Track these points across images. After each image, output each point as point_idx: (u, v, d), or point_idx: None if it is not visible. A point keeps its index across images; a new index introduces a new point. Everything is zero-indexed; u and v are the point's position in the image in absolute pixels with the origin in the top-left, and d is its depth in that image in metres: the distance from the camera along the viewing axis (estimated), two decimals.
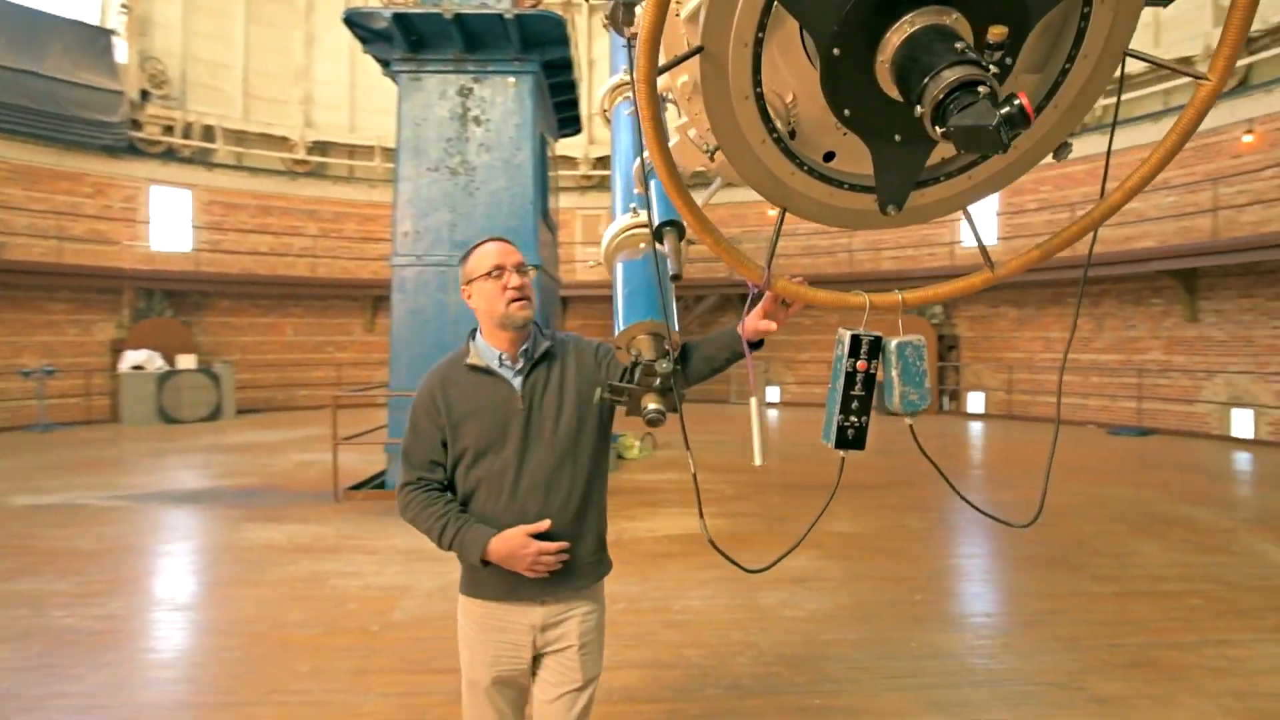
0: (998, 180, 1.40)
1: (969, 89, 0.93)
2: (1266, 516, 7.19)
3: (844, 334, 1.54)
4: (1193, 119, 1.26)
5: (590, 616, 2.01)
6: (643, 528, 6.78)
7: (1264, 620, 4.55)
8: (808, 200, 1.36)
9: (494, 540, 1.85)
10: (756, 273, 1.40)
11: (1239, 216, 11.62)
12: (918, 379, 1.52)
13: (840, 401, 1.55)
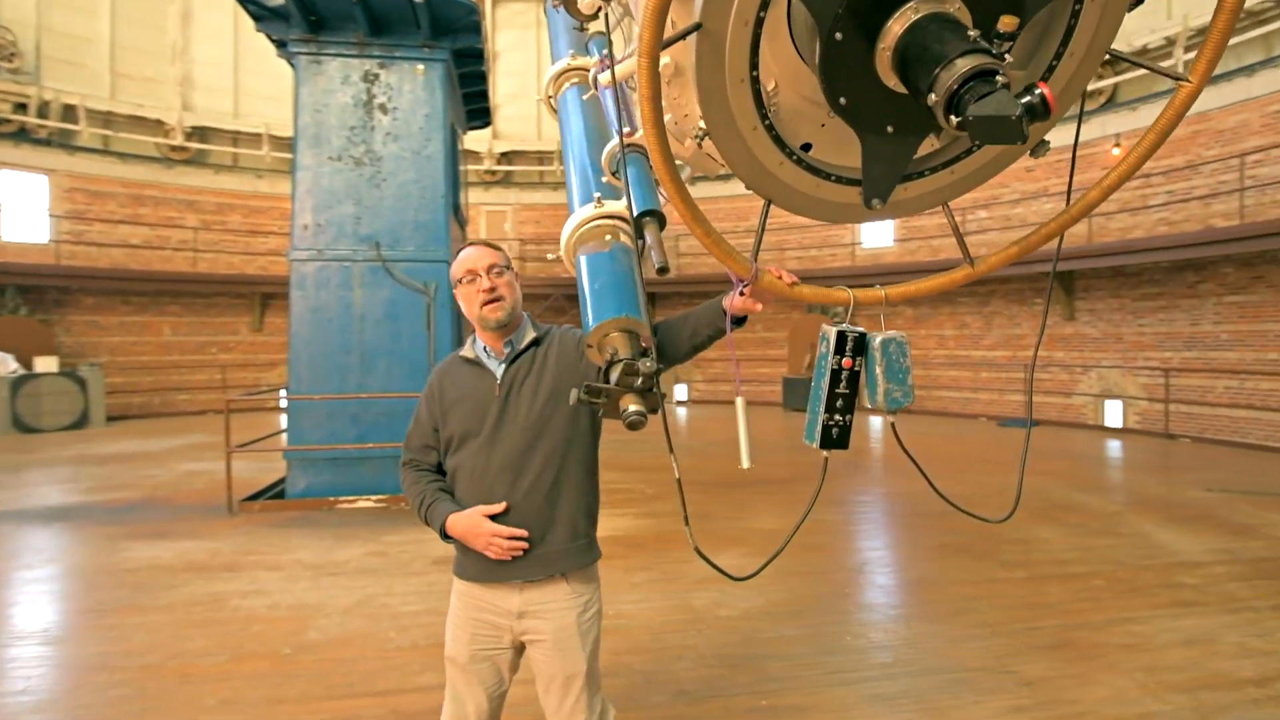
0: (979, 175, 1.39)
1: (985, 78, 0.90)
2: (1144, 500, 7.78)
3: (829, 330, 1.51)
4: (1171, 120, 1.27)
5: (568, 611, 2.02)
6: None
7: (1158, 597, 4.88)
8: (793, 192, 1.33)
9: (452, 516, 1.98)
10: (744, 266, 1.36)
11: (1108, 223, 12.59)
12: (901, 375, 1.50)
13: (825, 400, 1.51)
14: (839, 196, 1.33)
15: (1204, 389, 11.45)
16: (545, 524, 2.00)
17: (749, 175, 1.30)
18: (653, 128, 1.15)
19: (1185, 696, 3.59)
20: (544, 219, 19.43)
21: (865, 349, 1.49)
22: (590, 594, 2.09)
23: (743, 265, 1.35)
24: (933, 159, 1.32)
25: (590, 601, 2.09)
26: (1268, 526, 6.55)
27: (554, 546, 2.01)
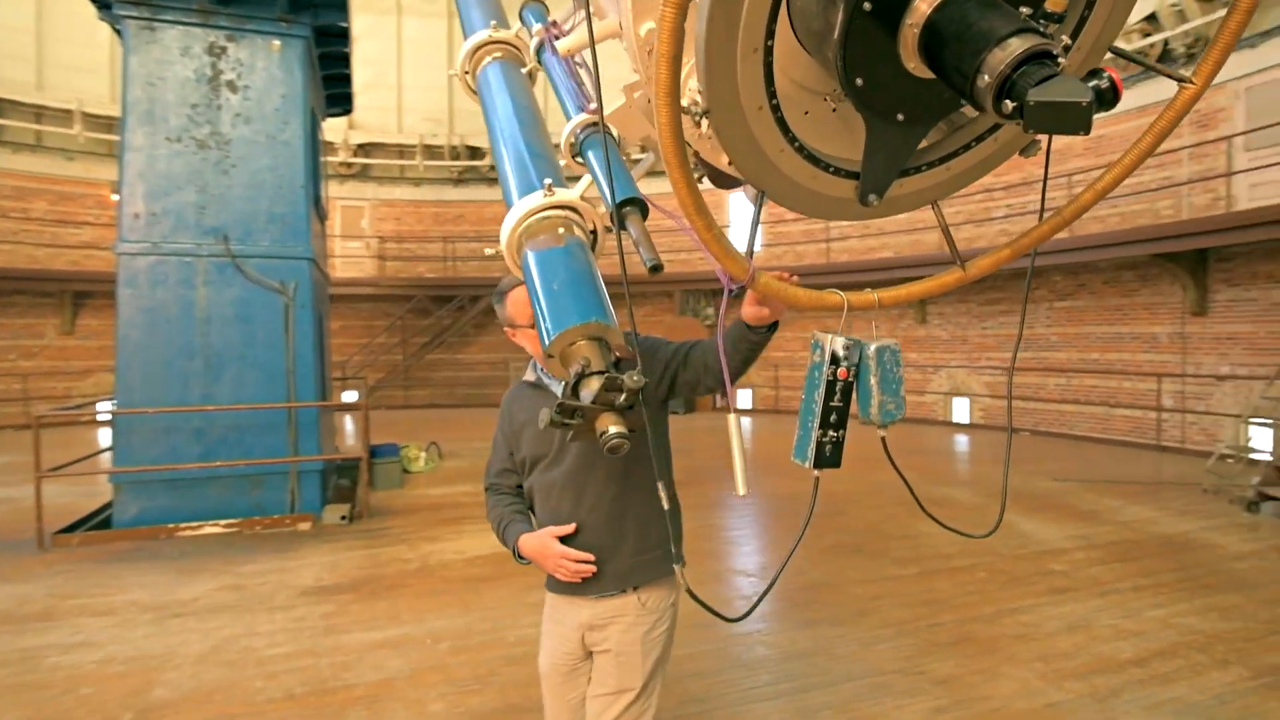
0: (974, 173, 1.35)
1: (1041, 61, 0.83)
2: (998, 489, 8.31)
3: (825, 339, 1.40)
4: (1171, 121, 1.23)
5: (634, 626, 2.01)
6: (450, 550, 6.15)
7: (1036, 586, 5.16)
8: (788, 183, 1.26)
9: (524, 537, 2.04)
10: (742, 266, 1.26)
11: (956, 233, 13.51)
12: (895, 386, 1.42)
13: (820, 415, 1.40)
14: (835, 190, 1.27)
15: (1038, 386, 12.57)
16: (613, 539, 2.00)
17: (747, 162, 1.21)
18: (668, 96, 1.02)
19: (1081, 683, 3.75)
20: (405, 216, 18.45)
21: (860, 358, 1.41)
22: (661, 611, 2.06)
23: (741, 266, 1.24)
24: (927, 154, 1.27)
25: (660, 619, 2.05)
26: (1109, 512, 7.17)
27: (623, 562, 2.00)
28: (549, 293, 1.57)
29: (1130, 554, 5.84)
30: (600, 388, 1.37)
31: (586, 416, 1.40)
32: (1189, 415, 10.63)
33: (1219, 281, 10.28)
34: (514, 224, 1.75)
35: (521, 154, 1.90)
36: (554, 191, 1.73)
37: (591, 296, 1.57)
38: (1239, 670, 3.88)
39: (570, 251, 1.67)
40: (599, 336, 1.50)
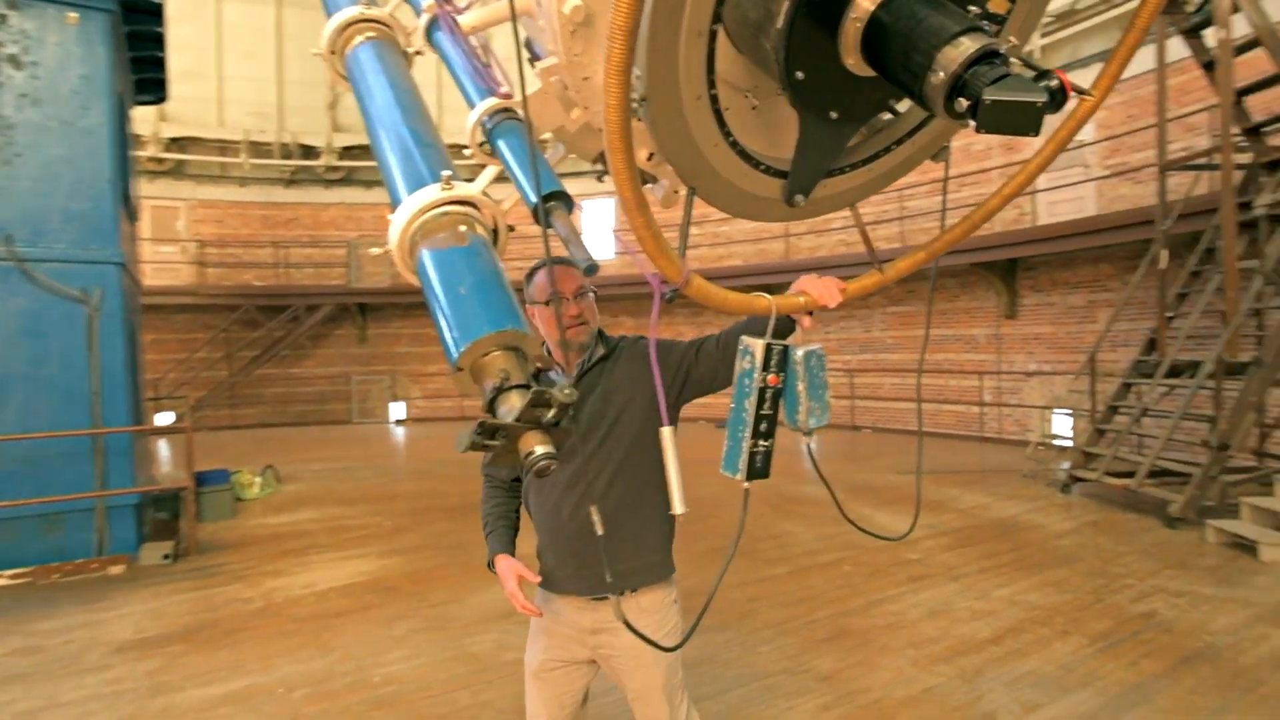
0: (892, 175, 1.36)
1: (991, 61, 0.83)
2: (854, 486, 8.76)
3: (755, 345, 1.35)
4: (1072, 130, 1.29)
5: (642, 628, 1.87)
6: (297, 584, 5.56)
7: (897, 575, 5.42)
8: (720, 181, 1.23)
9: (498, 560, 2.06)
10: (677, 267, 1.20)
11: (799, 242, 14.29)
12: (821, 391, 1.40)
13: (752, 424, 1.36)
14: (763, 190, 1.25)
15: (876, 385, 13.48)
16: (615, 542, 1.90)
17: (679, 155, 1.17)
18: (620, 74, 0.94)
19: (949, 666, 3.94)
20: (229, 218, 16.83)
21: (787, 364, 1.38)
22: (664, 610, 2.05)
23: (677, 267, 1.18)
24: (850, 156, 1.27)
25: (665, 618, 2.05)
26: (949, 501, 7.74)
27: (624, 563, 1.95)
28: (454, 299, 1.38)
29: (973, 539, 6.31)
30: (525, 404, 1.20)
31: (509, 436, 1.23)
32: (1004, 408, 11.79)
33: (1026, 288, 11.49)
34: (406, 221, 1.54)
35: (407, 144, 1.69)
36: (453, 185, 1.54)
37: (503, 301, 1.40)
38: (1078, 639, 4.24)
39: (475, 251, 1.48)
40: (515, 346, 1.32)
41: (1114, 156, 10.65)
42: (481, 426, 1.23)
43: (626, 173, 1.06)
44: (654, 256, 1.18)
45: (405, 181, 1.62)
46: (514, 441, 1.25)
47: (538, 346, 1.35)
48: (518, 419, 1.22)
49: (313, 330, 16.86)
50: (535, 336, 1.36)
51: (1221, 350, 6.58)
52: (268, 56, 16.10)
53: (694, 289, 1.24)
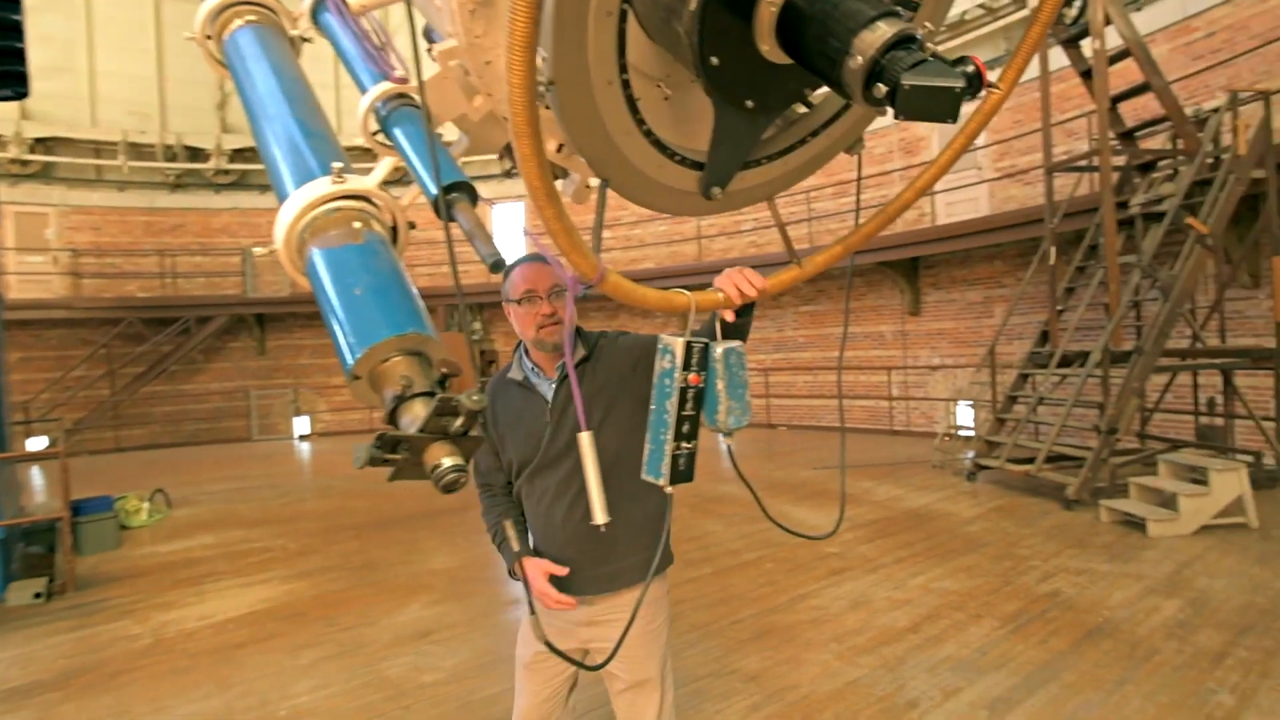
0: (808, 168, 1.36)
1: (908, 46, 0.83)
2: (773, 483, 8.87)
3: (674, 342, 1.31)
4: (980, 124, 1.30)
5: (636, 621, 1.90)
6: (192, 616, 5.15)
7: (817, 570, 5.48)
8: (633, 172, 1.18)
9: (523, 564, 2.00)
10: (592, 264, 1.14)
11: (711, 244, 14.44)
12: (741, 390, 1.35)
13: (674, 425, 1.31)
14: (678, 182, 1.21)
15: (790, 384, 13.76)
16: (608, 542, 1.95)
17: (590, 145, 1.11)
18: (524, 50, 0.88)
19: (872, 657, 3.99)
20: (107, 225, 15.64)
21: (707, 362, 1.33)
22: (657, 604, 2.08)
23: (591, 263, 1.13)
24: (765, 148, 1.25)
25: (657, 612, 2.08)
26: (863, 493, 7.93)
27: (619, 563, 2.00)
28: (349, 301, 1.25)
29: (888, 530, 6.46)
30: (429, 413, 1.09)
31: (413, 448, 1.11)
32: (911, 401, 12.23)
33: (928, 285, 11.97)
34: (293, 218, 1.40)
35: (294, 135, 1.55)
36: (345, 178, 1.41)
37: (404, 302, 1.27)
38: (990, 622, 4.38)
39: (372, 249, 1.36)
40: (418, 350, 1.21)
41: (1004, 159, 11.23)
42: (381, 439, 1.10)
43: (534, 159, 0.98)
44: (567, 251, 1.11)
45: (292, 175, 1.48)
46: (419, 454, 1.14)
47: (442, 350, 1.25)
48: (422, 429, 1.10)
49: (206, 343, 15.87)
50: (439, 341, 1.25)
51: (1107, 340, 7.00)
52: (146, 52, 15.07)
53: (610, 285, 1.18)
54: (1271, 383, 7.50)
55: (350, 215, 1.39)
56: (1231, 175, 7.01)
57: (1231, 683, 3.52)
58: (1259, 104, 7.40)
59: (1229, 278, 8.06)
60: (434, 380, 1.20)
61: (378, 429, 1.12)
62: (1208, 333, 8.06)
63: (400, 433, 1.10)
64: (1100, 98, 7.37)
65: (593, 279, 1.15)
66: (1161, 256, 7.40)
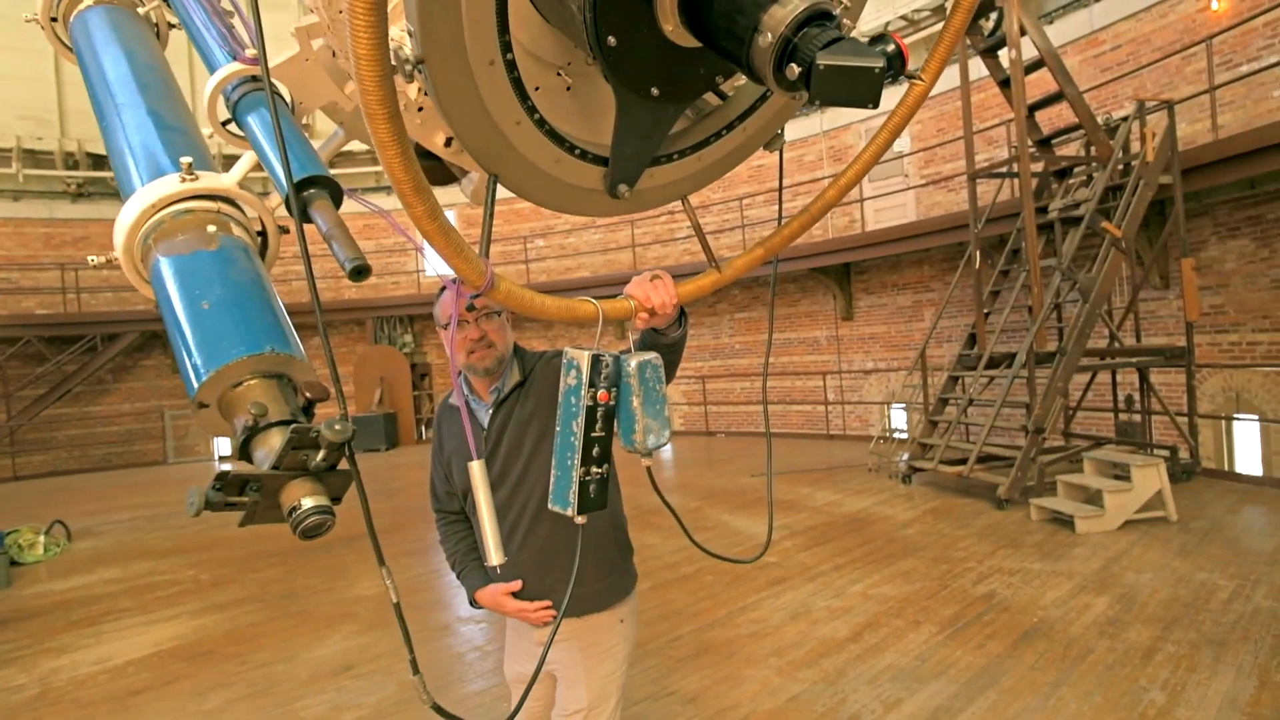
0: (724, 165, 1.28)
1: (823, 22, 0.75)
2: (712, 492, 8.79)
3: (579, 355, 1.20)
4: (905, 117, 1.24)
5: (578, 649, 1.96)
6: (86, 661, 4.73)
7: (757, 581, 5.39)
8: (526, 167, 1.06)
9: (479, 593, 2.00)
10: (478, 269, 1.02)
11: (646, 252, 14.37)
12: (659, 406, 1.25)
13: (581, 449, 1.20)
14: (581, 179, 1.11)
15: (728, 390, 13.76)
16: (548, 577, 1.91)
17: (473, 135, 0.99)
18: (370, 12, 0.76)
19: (812, 670, 3.90)
20: (2, 237, 14.59)
21: (619, 377, 1.23)
22: (608, 632, 1.98)
23: (476, 267, 1.01)
24: (677, 143, 1.16)
25: (605, 635, 1.97)
26: (802, 499, 7.91)
27: (559, 594, 1.88)
28: (196, 316, 1.08)
29: (826, 536, 6.44)
30: (284, 445, 0.93)
31: (265, 489, 0.93)
32: (846, 405, 12.37)
33: (859, 291, 12.14)
34: (134, 220, 1.22)
35: (146, 128, 1.36)
36: (196, 175, 1.22)
37: (264, 315, 1.10)
38: (929, 628, 4.35)
39: (228, 256, 1.17)
40: (278, 373, 1.05)
41: (928, 166, 11.49)
42: (222, 480, 0.91)
43: (394, 145, 0.84)
44: (447, 256, 0.98)
45: (141, 173, 1.28)
46: (273, 495, 0.94)
47: (310, 372, 1.08)
48: (275, 465, 0.93)
49: (114, 362, 14.96)
50: (306, 363, 1.07)
51: (1032, 342, 7.15)
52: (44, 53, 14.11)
53: (501, 294, 1.05)
54: (1183, 379, 7.81)
55: (204, 218, 1.21)
56: (1142, 181, 7.28)
57: (1162, 679, 3.55)
58: (1164, 112, 7.73)
59: (1141, 280, 8.38)
60: (296, 408, 1.04)
61: None
62: (1124, 333, 8.36)
63: (247, 470, 0.92)
64: (1018, 106, 7.56)
65: (480, 285, 1.02)
66: (1079, 260, 7.63)
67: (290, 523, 0.94)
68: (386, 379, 15.42)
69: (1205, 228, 8.40)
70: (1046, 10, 10.06)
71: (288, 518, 0.94)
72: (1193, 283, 7.39)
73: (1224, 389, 8.44)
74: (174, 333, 1.08)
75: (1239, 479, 7.52)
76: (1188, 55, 8.51)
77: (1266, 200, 7.89)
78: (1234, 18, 8.08)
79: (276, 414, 0.99)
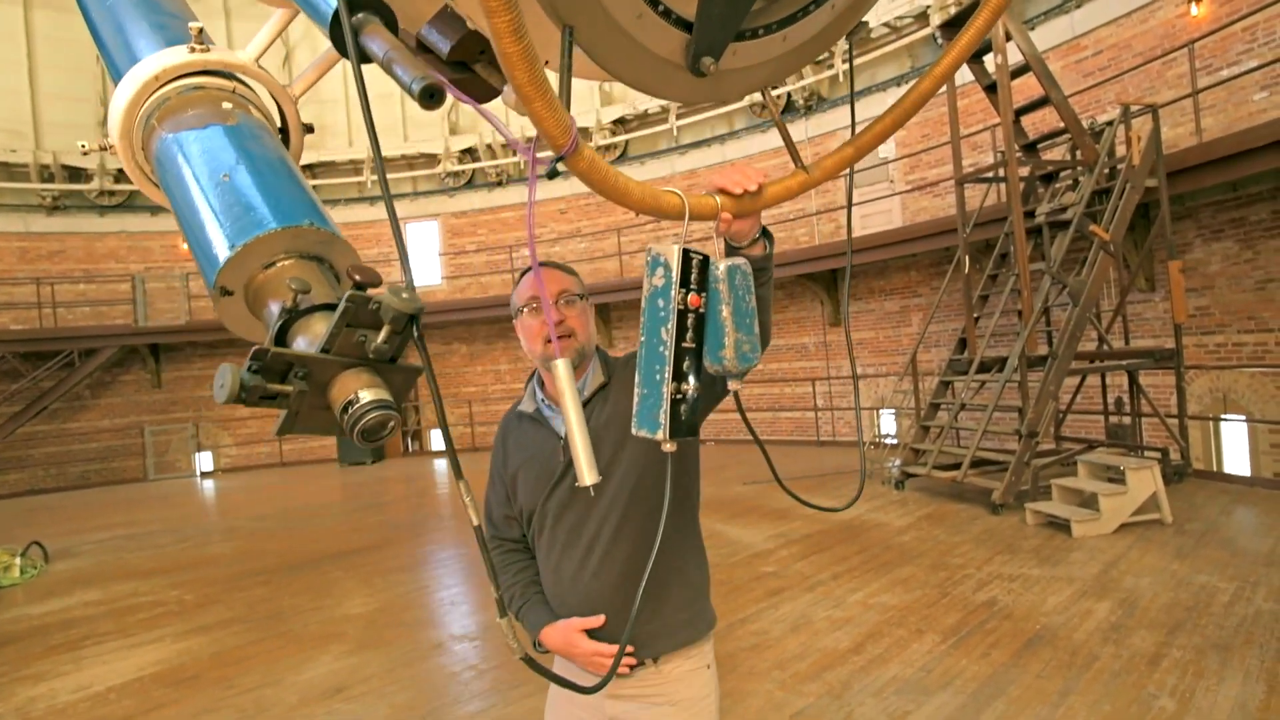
0: (810, 49, 1.17)
1: None
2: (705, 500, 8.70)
3: (668, 251, 1.04)
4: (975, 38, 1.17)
5: (661, 705, 1.59)
6: (65, 688, 4.56)
7: (755, 591, 5.32)
8: (605, 20, 0.92)
9: (545, 632, 1.63)
10: (563, 124, 0.86)
11: (633, 261, 14.32)
12: (749, 319, 1.08)
13: (673, 360, 1.03)
14: (661, 44, 0.97)
15: None
16: (624, 606, 1.54)
17: None
18: None
19: (816, 684, 3.83)
20: None
21: (706, 282, 1.07)
22: (693, 665, 1.62)
23: (562, 123, 0.84)
24: (765, 17, 1.06)
25: (690, 686, 1.60)
26: (795, 507, 7.84)
27: (647, 631, 1.56)
28: (216, 189, 0.90)
29: (822, 544, 6.38)
30: (338, 317, 0.75)
31: (312, 377, 0.75)
32: (836, 411, 12.35)
33: None
34: (133, 95, 1.04)
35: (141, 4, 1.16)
36: (209, 46, 1.05)
37: (297, 190, 0.93)
38: (932, 637, 4.29)
39: (248, 132, 1.01)
40: (316, 255, 0.88)
41: (914, 172, 11.54)
42: (260, 360, 0.72)
43: None
44: (539, 113, 0.84)
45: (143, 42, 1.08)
46: (321, 387, 0.76)
47: (354, 256, 0.90)
48: (326, 348, 0.75)
49: (92, 378, 14.68)
50: (347, 243, 0.90)
51: (1023, 346, 7.16)
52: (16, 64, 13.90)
53: (584, 160, 0.90)
54: (1172, 380, 7.85)
55: (217, 95, 1.04)
56: (1128, 184, 7.32)
57: (1170, 685, 3.51)
58: (1148, 116, 7.79)
59: (1128, 282, 8.43)
60: (344, 294, 0.83)
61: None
62: (1112, 335, 8.39)
63: (291, 351, 0.75)
64: (1005, 111, 7.59)
65: (563, 145, 0.87)
66: (1066, 264, 7.65)
67: (345, 422, 0.75)
68: None
69: (1189, 230, 8.47)
70: (1028, 16, 10.14)
71: (340, 418, 0.76)
72: (1180, 285, 7.43)
73: (1211, 390, 8.50)
74: (187, 216, 0.91)
75: (1229, 480, 7.56)
76: (1168, 60, 8.59)
77: (1249, 202, 7.97)
78: (1213, 23, 8.17)
79: (322, 296, 0.82)
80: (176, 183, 0.91)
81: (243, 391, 0.69)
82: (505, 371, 16.10)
